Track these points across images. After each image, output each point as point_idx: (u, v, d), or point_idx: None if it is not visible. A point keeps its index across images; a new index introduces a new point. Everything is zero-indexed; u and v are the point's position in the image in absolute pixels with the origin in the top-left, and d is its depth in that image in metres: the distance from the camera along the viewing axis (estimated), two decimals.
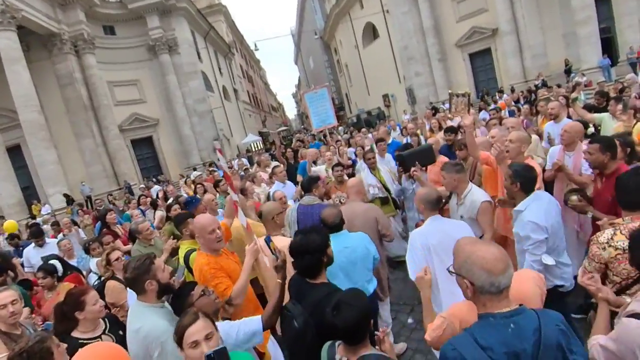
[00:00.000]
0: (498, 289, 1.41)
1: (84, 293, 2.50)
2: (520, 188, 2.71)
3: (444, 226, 2.90)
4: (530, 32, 20.32)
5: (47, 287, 3.89)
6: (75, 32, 20.67)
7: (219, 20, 37.98)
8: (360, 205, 3.68)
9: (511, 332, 1.37)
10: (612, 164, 3.00)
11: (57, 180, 17.83)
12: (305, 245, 2.24)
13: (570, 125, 3.89)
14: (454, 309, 1.76)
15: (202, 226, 2.84)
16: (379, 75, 32.76)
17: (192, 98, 26.05)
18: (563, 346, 1.38)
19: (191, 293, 2.20)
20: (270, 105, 69.93)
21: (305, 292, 2.24)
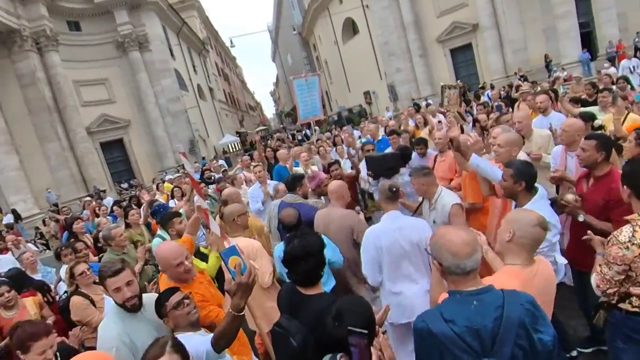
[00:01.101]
0: (464, 270, 1.53)
1: (34, 338, 2.20)
2: (525, 187, 2.55)
3: (399, 225, 2.88)
4: (510, 27, 20.24)
5: (11, 303, 3.54)
6: (37, 28, 19.36)
7: (192, 15, 36.77)
8: (338, 211, 3.56)
9: (474, 308, 1.48)
10: (605, 165, 2.73)
11: (19, 187, 16.73)
12: (308, 247, 2.00)
13: (569, 123, 3.46)
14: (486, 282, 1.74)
15: (166, 259, 2.49)
16: (359, 71, 32.34)
17: (165, 97, 24.96)
18: (526, 324, 1.45)
19: (165, 303, 2.10)
20: (247, 105, 68.75)
21: (301, 305, 1.99)
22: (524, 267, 1.84)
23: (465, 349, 1.47)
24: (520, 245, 1.86)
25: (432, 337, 1.50)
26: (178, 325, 2.12)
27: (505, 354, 1.45)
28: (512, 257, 1.89)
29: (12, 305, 3.55)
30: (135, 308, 2.23)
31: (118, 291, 2.19)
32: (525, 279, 1.76)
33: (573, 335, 3.19)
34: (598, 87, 6.60)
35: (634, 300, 2.02)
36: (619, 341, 2.15)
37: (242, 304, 1.82)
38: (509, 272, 1.82)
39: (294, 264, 2.01)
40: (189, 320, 2.11)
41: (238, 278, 1.80)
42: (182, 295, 2.15)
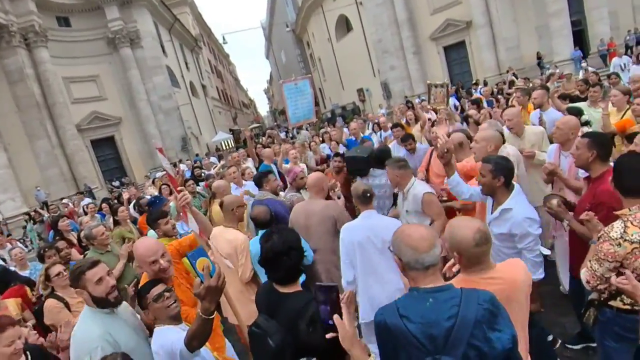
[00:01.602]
0: (423, 265, 1.53)
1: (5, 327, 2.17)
2: (504, 183, 2.54)
3: (372, 223, 2.93)
4: (504, 25, 20.27)
5: None
6: (25, 23, 19.04)
7: (184, 12, 36.41)
8: (319, 203, 3.58)
9: (429, 306, 1.47)
10: (598, 166, 2.54)
11: (7, 185, 16.46)
12: (288, 241, 1.94)
13: (564, 121, 3.36)
14: None
15: (141, 255, 2.43)
16: (353, 69, 32.25)
17: (156, 94, 24.68)
18: (483, 324, 1.43)
19: (146, 295, 2.10)
20: (241, 102, 68.41)
21: (279, 305, 1.91)
22: (481, 273, 1.77)
23: (417, 345, 1.44)
24: (468, 263, 1.78)
25: (388, 331, 1.51)
26: (158, 317, 2.11)
27: (458, 354, 1.41)
28: (471, 267, 1.80)
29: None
30: (117, 301, 2.17)
31: (100, 281, 2.09)
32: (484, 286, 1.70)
33: (563, 332, 3.17)
34: (590, 84, 6.64)
35: (625, 298, 1.97)
36: (609, 340, 2.11)
37: (211, 307, 1.77)
38: (466, 282, 1.74)
39: (275, 260, 1.93)
40: (169, 314, 2.10)
41: (207, 281, 1.73)
42: (163, 288, 2.14)
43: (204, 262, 1.85)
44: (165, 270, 2.44)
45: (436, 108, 9.09)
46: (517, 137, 4.07)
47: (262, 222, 3.29)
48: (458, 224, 1.80)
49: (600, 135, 2.71)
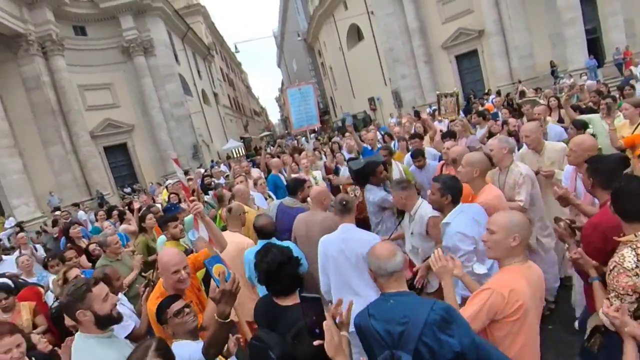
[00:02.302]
0: (386, 271, 1.81)
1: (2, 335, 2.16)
2: (452, 200, 2.75)
3: (348, 237, 2.96)
4: (516, 33, 20.10)
5: (9, 307, 3.63)
6: (43, 32, 19.38)
7: (198, 21, 36.92)
8: (319, 215, 3.71)
9: (389, 306, 1.75)
10: (602, 194, 2.39)
11: (22, 190, 16.63)
12: (286, 251, 2.07)
13: (577, 142, 3.12)
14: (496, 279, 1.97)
15: (165, 264, 2.52)
16: (364, 77, 32.28)
17: (169, 102, 24.92)
18: (434, 325, 1.62)
19: (167, 310, 2.13)
20: (252, 110, 68.90)
21: (278, 317, 1.98)
22: (522, 264, 1.96)
23: (379, 340, 1.71)
24: (523, 245, 1.97)
25: (361, 331, 1.80)
26: (176, 332, 2.15)
27: (410, 349, 1.63)
28: (512, 258, 1.97)
29: (10, 308, 3.63)
30: (120, 317, 2.15)
31: (107, 298, 2.07)
32: (525, 274, 1.92)
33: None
34: (603, 95, 6.50)
35: None
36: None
37: (227, 310, 1.86)
38: (514, 270, 1.94)
39: (279, 271, 2.02)
40: (187, 329, 2.14)
41: (222, 285, 1.84)
42: (183, 303, 2.18)
43: (220, 268, 1.94)
44: (184, 281, 2.52)
45: (446, 118, 8.98)
46: (536, 153, 3.91)
47: (266, 232, 3.40)
48: (514, 213, 2.06)
49: (596, 161, 2.53)
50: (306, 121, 9.22)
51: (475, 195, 3.15)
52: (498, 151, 3.56)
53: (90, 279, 2.13)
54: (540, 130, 4.07)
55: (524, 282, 1.87)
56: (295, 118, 9.35)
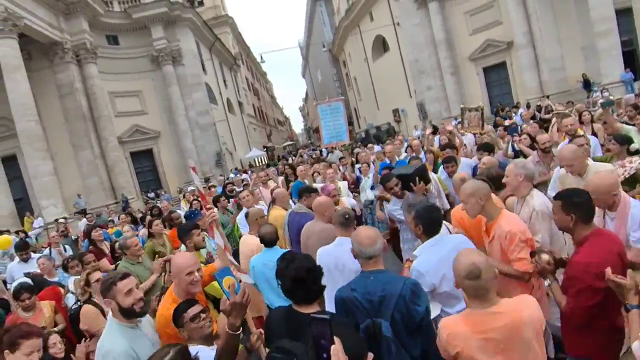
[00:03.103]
0: (366, 255, 2.23)
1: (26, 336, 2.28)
2: (424, 231, 2.68)
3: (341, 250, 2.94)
4: (547, 45, 19.49)
5: (30, 307, 3.75)
6: (78, 41, 20.20)
7: (225, 31, 37.76)
8: (318, 225, 3.79)
9: (370, 282, 2.16)
10: (582, 229, 2.23)
11: (51, 192, 17.13)
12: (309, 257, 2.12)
13: (595, 184, 2.58)
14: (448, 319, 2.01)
15: (179, 266, 2.57)
16: (389, 89, 32.09)
17: (194, 110, 25.40)
18: (406, 297, 2.06)
19: (184, 314, 2.17)
20: (276, 119, 69.65)
21: (303, 325, 1.87)
22: (484, 309, 1.84)
23: (361, 309, 2.06)
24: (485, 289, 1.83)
25: (342, 302, 2.15)
26: (192, 337, 2.19)
27: (388, 316, 2.05)
28: (471, 301, 1.87)
29: (31, 308, 3.75)
30: (142, 312, 2.33)
31: (130, 293, 2.25)
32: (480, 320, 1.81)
33: None
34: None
35: None
36: None
37: (237, 322, 1.90)
38: (468, 314, 1.88)
39: (308, 278, 1.98)
40: (202, 334, 2.19)
41: (232, 298, 1.88)
42: (200, 308, 2.23)
43: (230, 281, 1.99)
44: (197, 284, 2.58)
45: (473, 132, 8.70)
46: (577, 176, 3.46)
47: (268, 241, 3.50)
48: (460, 255, 1.88)
49: (571, 194, 2.32)
50: (335, 137, 9.24)
51: (491, 224, 2.77)
52: (513, 178, 3.15)
53: (118, 274, 2.35)
54: (580, 152, 3.55)
55: (471, 328, 1.77)
56: (325, 133, 9.38)
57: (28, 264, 5.93)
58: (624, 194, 2.52)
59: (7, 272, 6.24)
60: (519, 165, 3.21)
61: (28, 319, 3.65)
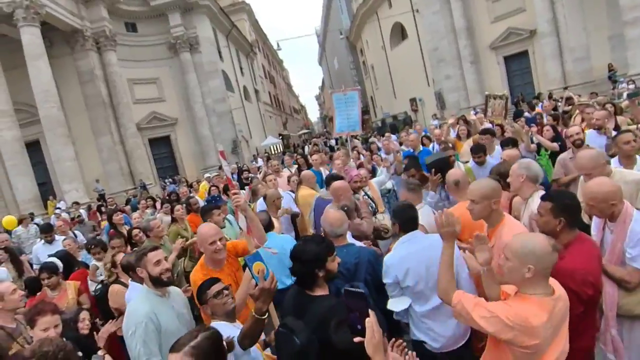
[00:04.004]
0: (336, 233, 2.76)
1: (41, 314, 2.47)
2: (400, 228, 2.73)
3: None
4: (572, 34, 18.83)
5: (52, 286, 3.91)
6: (98, 28, 20.47)
7: (242, 18, 37.62)
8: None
9: (345, 253, 2.57)
10: (567, 234, 2.15)
11: (73, 177, 17.60)
12: (299, 253, 2.15)
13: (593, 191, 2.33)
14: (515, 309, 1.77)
15: (203, 236, 2.87)
16: (406, 77, 31.62)
17: (211, 98, 25.56)
18: (372, 262, 2.69)
19: (207, 291, 2.27)
20: (292, 107, 69.53)
21: (305, 306, 2.09)
22: (545, 296, 1.72)
23: (340, 277, 2.27)
24: (542, 276, 1.72)
25: None
26: (215, 313, 2.29)
27: (362, 279, 2.54)
28: (532, 287, 1.73)
29: (56, 287, 3.93)
30: (169, 282, 2.55)
31: (158, 264, 2.48)
32: (550, 308, 1.69)
33: None
34: None
35: None
36: None
37: (264, 307, 1.97)
38: (535, 302, 1.70)
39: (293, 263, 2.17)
40: (225, 310, 2.27)
41: (261, 283, 1.94)
42: (223, 286, 2.32)
43: (260, 266, 2.02)
44: (220, 251, 2.86)
45: (496, 121, 8.50)
46: None
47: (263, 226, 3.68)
48: (528, 238, 1.78)
49: (561, 196, 2.24)
50: (347, 127, 9.07)
51: (492, 230, 2.53)
52: (515, 179, 2.99)
53: (148, 246, 2.62)
54: (601, 159, 3.05)
55: (545, 316, 1.65)
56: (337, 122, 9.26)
57: (53, 246, 6.15)
58: (628, 205, 2.29)
59: (32, 253, 6.52)
60: (522, 165, 3.01)
61: (53, 298, 3.83)
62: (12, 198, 18.02)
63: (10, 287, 2.97)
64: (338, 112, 9.15)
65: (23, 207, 15.83)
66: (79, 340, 2.89)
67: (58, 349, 1.91)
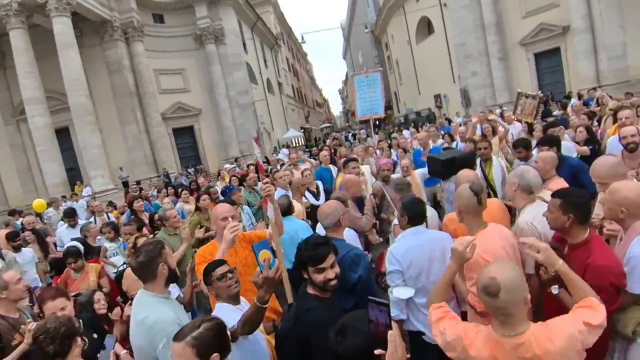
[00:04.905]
0: (323, 224, 2.93)
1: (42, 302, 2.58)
2: (408, 221, 2.79)
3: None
4: (607, 31, 18.00)
5: (77, 269, 4.10)
6: (126, 19, 20.86)
7: (267, 11, 37.65)
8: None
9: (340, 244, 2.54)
10: (578, 231, 2.15)
11: (99, 163, 18.09)
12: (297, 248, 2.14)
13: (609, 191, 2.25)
14: None
15: (216, 212, 3.05)
16: (431, 73, 31.08)
17: (235, 89, 25.75)
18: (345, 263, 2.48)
19: (212, 273, 2.27)
20: (314, 101, 69.41)
21: (299, 298, 2.16)
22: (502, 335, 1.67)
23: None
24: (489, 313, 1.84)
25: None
26: (219, 295, 2.29)
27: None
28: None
29: (80, 269, 4.12)
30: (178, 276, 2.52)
31: (173, 258, 2.51)
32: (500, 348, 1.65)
33: None
34: None
35: None
36: None
37: (266, 297, 1.94)
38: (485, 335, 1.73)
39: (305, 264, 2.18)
40: (229, 293, 2.27)
41: (266, 272, 1.91)
42: (227, 268, 2.31)
43: (266, 254, 2.03)
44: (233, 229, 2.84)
45: (521, 119, 8.23)
46: None
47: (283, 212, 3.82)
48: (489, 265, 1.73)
49: (571, 194, 2.23)
50: (370, 110, 8.87)
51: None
52: (508, 187, 2.90)
53: (159, 241, 2.55)
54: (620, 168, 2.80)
55: (490, 354, 1.66)
56: (360, 106, 9.02)
57: (75, 229, 6.37)
58: (637, 225, 2.12)
59: (57, 236, 6.80)
60: (516, 172, 2.88)
61: (76, 279, 4.06)
62: (42, 182, 18.74)
63: (15, 277, 2.92)
64: (359, 95, 8.95)
65: (52, 191, 16.46)
66: (95, 321, 2.98)
67: (61, 324, 2.03)
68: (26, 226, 6.58)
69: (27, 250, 5.33)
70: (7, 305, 2.84)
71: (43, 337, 1.99)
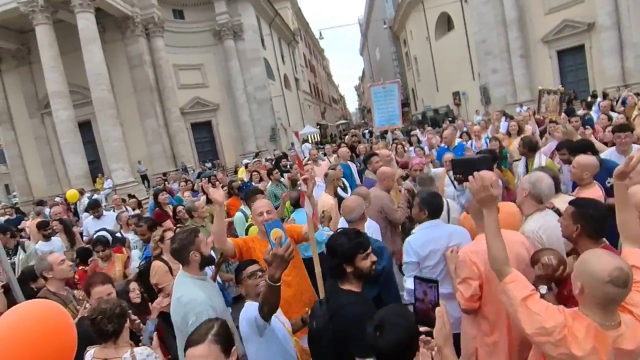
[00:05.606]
0: (347, 219, 3.08)
1: (91, 285, 2.77)
2: (428, 215, 2.86)
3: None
4: (635, 29, 17.48)
5: (105, 257, 4.26)
6: (147, 15, 21.16)
7: (285, 7, 37.67)
8: (375, 191, 4.15)
9: None
10: (587, 244, 2.06)
11: (120, 156, 18.44)
12: (330, 245, 2.15)
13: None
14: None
15: (254, 208, 3.29)
16: (450, 70, 30.62)
17: (252, 85, 25.93)
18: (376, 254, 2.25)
19: (242, 272, 2.37)
20: (331, 97, 69.26)
21: (332, 294, 2.15)
22: (603, 327, 1.53)
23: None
24: (591, 301, 1.56)
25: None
26: (248, 293, 2.37)
27: None
28: (585, 308, 1.59)
29: (107, 259, 4.27)
30: (213, 260, 2.79)
31: (207, 243, 2.63)
32: (602, 340, 1.51)
33: None
34: None
35: None
36: None
37: (277, 274, 1.94)
38: (585, 325, 1.55)
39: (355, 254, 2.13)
40: (258, 291, 2.30)
41: (276, 249, 1.91)
42: (258, 267, 2.42)
43: (278, 233, 2.01)
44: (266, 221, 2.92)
45: (546, 117, 8.06)
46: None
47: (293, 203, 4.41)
48: (600, 255, 1.57)
49: (586, 204, 2.15)
50: (387, 121, 8.91)
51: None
52: (519, 192, 2.85)
53: (193, 228, 2.70)
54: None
55: (599, 345, 1.51)
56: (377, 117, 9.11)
57: (100, 220, 6.58)
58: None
59: (83, 227, 7.03)
60: (530, 179, 2.75)
61: (104, 268, 4.18)
62: (65, 174, 19.24)
63: (59, 258, 3.21)
64: (377, 105, 9.02)
65: (74, 182, 16.85)
66: (132, 305, 3.11)
67: (115, 305, 2.22)
68: (53, 216, 6.80)
69: (56, 239, 5.51)
70: (56, 284, 3.13)
71: (101, 317, 2.15)
